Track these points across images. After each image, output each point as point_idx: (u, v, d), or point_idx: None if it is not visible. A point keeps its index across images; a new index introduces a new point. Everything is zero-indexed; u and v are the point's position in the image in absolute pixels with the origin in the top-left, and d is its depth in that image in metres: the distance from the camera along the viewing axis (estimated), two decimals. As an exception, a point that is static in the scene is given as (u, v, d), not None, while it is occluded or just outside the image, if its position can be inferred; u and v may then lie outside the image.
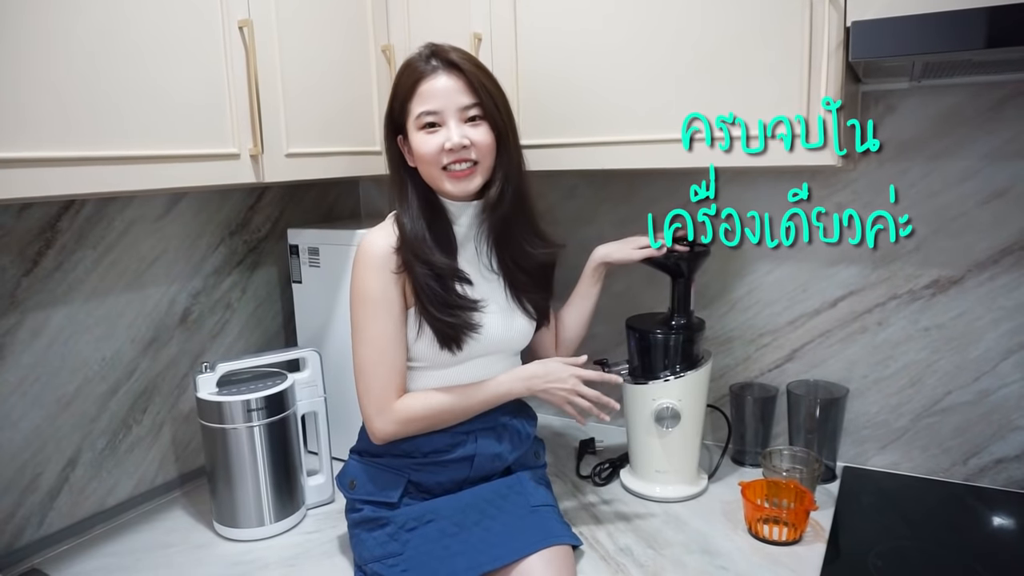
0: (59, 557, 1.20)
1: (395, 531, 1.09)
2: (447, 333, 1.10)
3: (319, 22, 1.27)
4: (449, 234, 1.14)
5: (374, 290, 1.09)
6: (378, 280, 1.09)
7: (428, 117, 1.08)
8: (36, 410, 1.21)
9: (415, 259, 1.09)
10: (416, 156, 1.11)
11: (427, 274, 1.09)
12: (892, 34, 0.94)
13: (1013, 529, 1.21)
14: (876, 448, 1.40)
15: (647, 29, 1.17)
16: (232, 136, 1.12)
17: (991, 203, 1.25)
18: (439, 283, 1.10)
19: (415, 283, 1.09)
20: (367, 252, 1.10)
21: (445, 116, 1.08)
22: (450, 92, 1.08)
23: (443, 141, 1.07)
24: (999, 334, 1.27)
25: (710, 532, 1.20)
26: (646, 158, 1.21)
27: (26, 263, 1.18)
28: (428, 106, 1.08)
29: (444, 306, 1.09)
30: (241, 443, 1.22)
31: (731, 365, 1.51)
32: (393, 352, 1.11)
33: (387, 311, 1.10)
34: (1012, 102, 1.21)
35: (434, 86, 1.08)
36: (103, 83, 0.94)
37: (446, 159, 1.08)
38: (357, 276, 1.11)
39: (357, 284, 1.11)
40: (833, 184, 1.35)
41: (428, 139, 1.09)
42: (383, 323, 1.10)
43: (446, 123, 1.08)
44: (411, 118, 1.10)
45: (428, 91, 1.08)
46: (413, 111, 1.09)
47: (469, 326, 1.11)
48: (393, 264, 1.09)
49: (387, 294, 1.09)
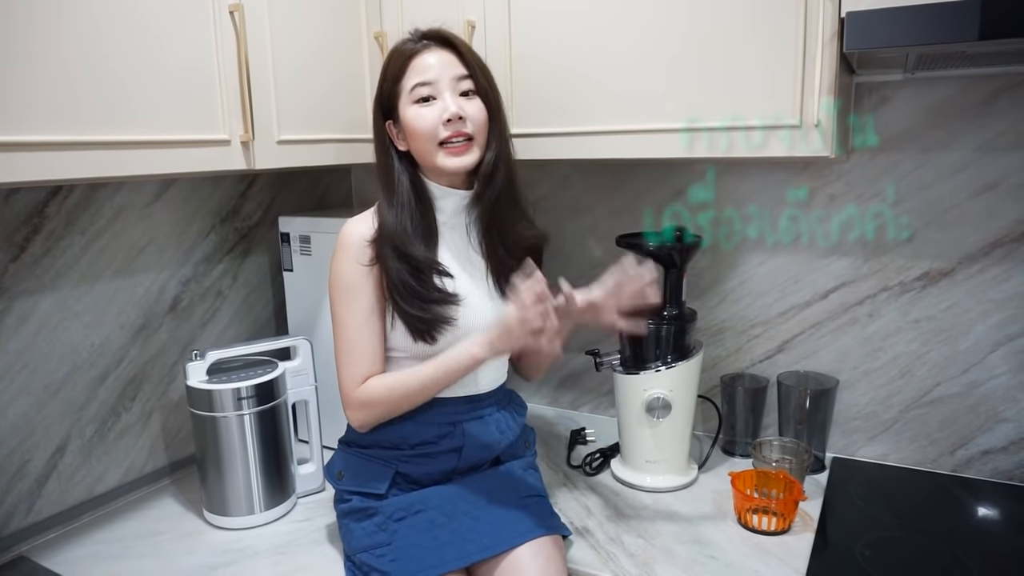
0: (47, 544, 1.20)
1: (383, 521, 1.09)
2: (418, 327, 1.09)
3: (311, 8, 1.26)
4: (432, 224, 1.13)
5: (347, 277, 1.09)
6: (351, 267, 1.09)
7: (423, 89, 1.07)
8: (24, 397, 1.20)
9: (392, 251, 1.08)
10: (411, 133, 1.09)
11: (403, 267, 1.08)
12: (886, 25, 0.93)
13: (999, 519, 1.22)
14: (865, 439, 1.41)
15: (641, 18, 1.16)
16: (223, 122, 1.11)
17: (983, 196, 1.25)
18: (415, 276, 1.09)
19: (387, 276, 1.09)
20: (342, 239, 1.11)
21: (440, 87, 1.08)
22: (444, 64, 1.08)
23: (440, 112, 1.07)
24: (988, 326, 1.28)
25: (700, 522, 1.20)
26: (639, 148, 1.20)
27: (13, 249, 1.17)
28: (422, 77, 1.07)
29: (416, 299, 1.08)
30: (231, 431, 1.22)
31: (722, 356, 1.51)
32: (365, 340, 1.10)
33: (360, 299, 1.09)
34: (1005, 95, 1.21)
35: (427, 59, 1.08)
36: (92, 68, 0.93)
37: (444, 131, 1.07)
38: (333, 262, 1.11)
39: (333, 270, 1.11)
40: (827, 175, 1.36)
41: (424, 112, 1.07)
42: (355, 311, 1.10)
43: (441, 95, 1.08)
44: (404, 94, 1.09)
45: (421, 64, 1.08)
46: (406, 86, 1.08)
47: (443, 319, 1.09)
48: (366, 257, 1.09)
49: (360, 281, 1.09)
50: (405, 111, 1.09)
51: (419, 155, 1.11)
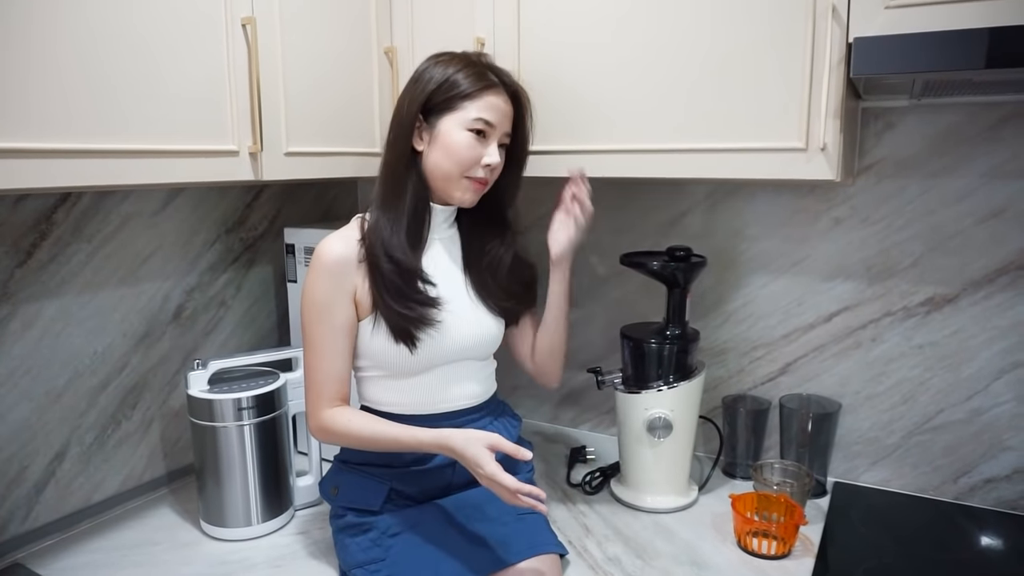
0: (43, 552, 1.19)
1: (378, 537, 1.08)
2: (402, 326, 1.09)
3: (322, 22, 1.27)
4: (422, 232, 1.15)
5: (320, 295, 1.09)
6: (326, 286, 1.09)
7: (483, 126, 1.10)
8: (25, 402, 1.20)
9: (383, 256, 1.09)
10: (447, 150, 1.10)
11: (390, 269, 1.09)
12: (893, 51, 0.94)
13: (1001, 549, 1.21)
14: (867, 464, 1.40)
15: (654, 41, 1.17)
16: (232, 133, 1.12)
17: (988, 222, 1.25)
18: (400, 279, 1.10)
19: (376, 277, 1.09)
20: (319, 256, 1.10)
21: (494, 135, 1.12)
22: (507, 117, 1.13)
23: (482, 154, 1.10)
24: (992, 353, 1.28)
25: (699, 544, 1.19)
26: (645, 168, 1.21)
27: (20, 254, 1.18)
28: (490, 117, 1.10)
29: (401, 297, 1.09)
30: (231, 442, 1.22)
31: (724, 377, 1.51)
32: (330, 359, 1.10)
33: (330, 318, 1.09)
34: (1011, 122, 1.22)
35: (499, 103, 1.11)
36: (104, 76, 0.94)
37: (478, 172, 1.11)
38: (308, 278, 1.11)
39: (306, 287, 1.11)
40: (832, 199, 1.36)
41: (474, 144, 1.10)
42: (324, 329, 1.10)
43: (491, 140, 1.11)
44: (459, 112, 1.10)
45: (494, 104, 1.11)
46: (469, 112, 1.09)
47: (425, 319, 1.10)
48: (344, 277, 1.09)
49: (332, 300, 1.09)
50: (453, 129, 1.10)
51: (435, 168, 1.12)
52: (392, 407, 1.15)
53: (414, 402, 1.15)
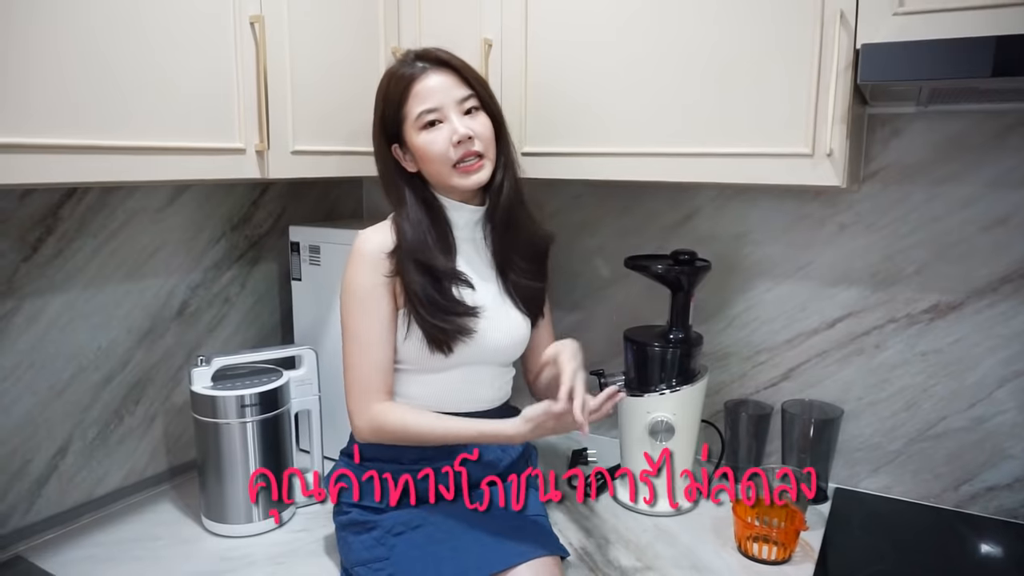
0: (45, 545, 1.20)
1: (382, 535, 1.08)
2: (438, 338, 1.10)
3: (330, 21, 1.27)
4: (449, 237, 1.15)
5: (362, 286, 1.10)
6: (367, 277, 1.09)
7: (429, 115, 1.08)
8: (29, 396, 1.20)
9: (413, 264, 1.09)
10: (422, 158, 1.11)
11: (425, 280, 1.09)
12: (900, 58, 0.94)
13: (1001, 558, 1.21)
14: (868, 470, 1.40)
15: (660, 45, 1.17)
16: (238, 131, 1.12)
17: (992, 230, 1.25)
18: (436, 287, 1.10)
19: (408, 287, 1.09)
20: (359, 249, 1.11)
21: (445, 111, 1.09)
22: (446, 87, 1.09)
23: (449, 135, 1.08)
24: (996, 361, 1.27)
25: (700, 548, 1.19)
26: (650, 171, 1.21)
27: (26, 249, 1.18)
28: (427, 104, 1.08)
29: (437, 310, 1.09)
30: (233, 438, 1.22)
31: (727, 381, 1.51)
32: (376, 350, 1.10)
33: (373, 309, 1.10)
34: (1017, 131, 1.21)
35: (428, 84, 1.09)
36: (111, 72, 0.94)
37: (456, 153, 1.08)
38: (348, 271, 1.11)
39: (347, 279, 1.11)
40: (837, 204, 1.36)
41: (433, 137, 1.09)
42: (368, 320, 1.10)
43: (447, 118, 1.09)
44: (409, 121, 1.10)
45: (423, 90, 1.09)
46: (411, 113, 1.09)
47: (463, 331, 1.10)
48: (384, 268, 1.09)
49: (375, 292, 1.09)
50: (414, 138, 1.10)
51: (432, 176, 1.12)
52: (414, 400, 1.15)
53: (437, 397, 1.15)
